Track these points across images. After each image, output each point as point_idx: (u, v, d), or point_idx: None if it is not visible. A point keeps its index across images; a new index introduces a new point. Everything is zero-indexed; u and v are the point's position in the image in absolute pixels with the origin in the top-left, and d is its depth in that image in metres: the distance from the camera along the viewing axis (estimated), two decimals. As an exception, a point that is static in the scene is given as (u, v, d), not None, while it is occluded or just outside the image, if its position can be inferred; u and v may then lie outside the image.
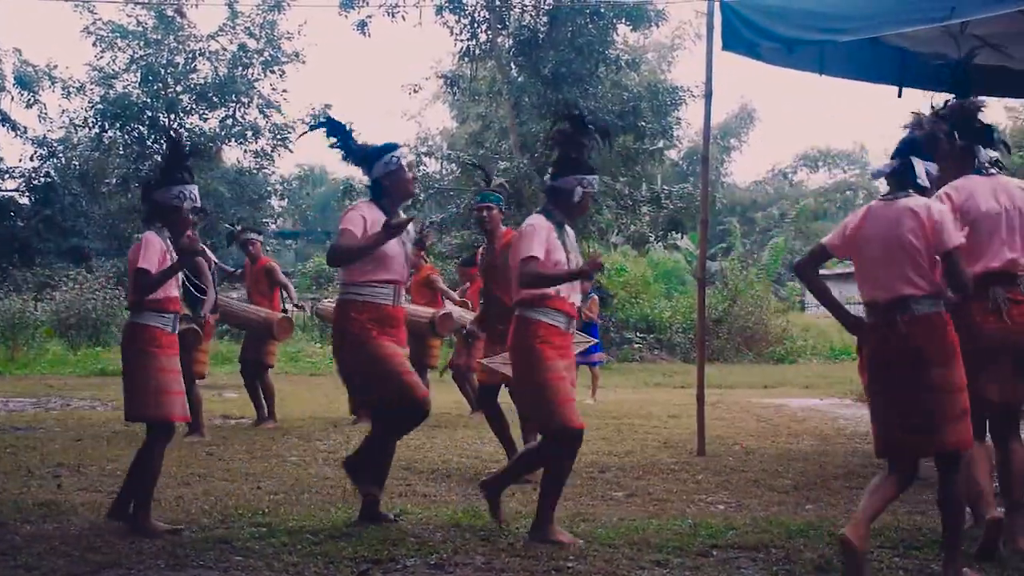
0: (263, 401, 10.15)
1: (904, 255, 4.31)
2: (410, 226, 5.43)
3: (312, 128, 5.98)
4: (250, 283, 10.37)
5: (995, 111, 55.49)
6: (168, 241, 5.36)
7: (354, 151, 5.65)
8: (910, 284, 4.30)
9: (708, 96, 8.80)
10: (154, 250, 5.22)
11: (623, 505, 6.21)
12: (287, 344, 16.68)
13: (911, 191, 4.42)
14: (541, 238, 5.16)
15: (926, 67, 8.63)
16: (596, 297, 13.83)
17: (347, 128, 5.65)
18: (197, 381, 9.10)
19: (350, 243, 5.25)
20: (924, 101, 5.93)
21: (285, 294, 10.40)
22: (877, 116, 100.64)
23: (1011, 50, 8.04)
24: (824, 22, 7.24)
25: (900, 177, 4.47)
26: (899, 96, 8.67)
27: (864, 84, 9.22)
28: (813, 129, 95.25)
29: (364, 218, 5.31)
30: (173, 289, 5.38)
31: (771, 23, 7.50)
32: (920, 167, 4.45)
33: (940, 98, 5.54)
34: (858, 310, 4.65)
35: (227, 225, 18.59)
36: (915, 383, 4.27)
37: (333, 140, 5.65)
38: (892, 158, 4.54)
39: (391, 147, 5.52)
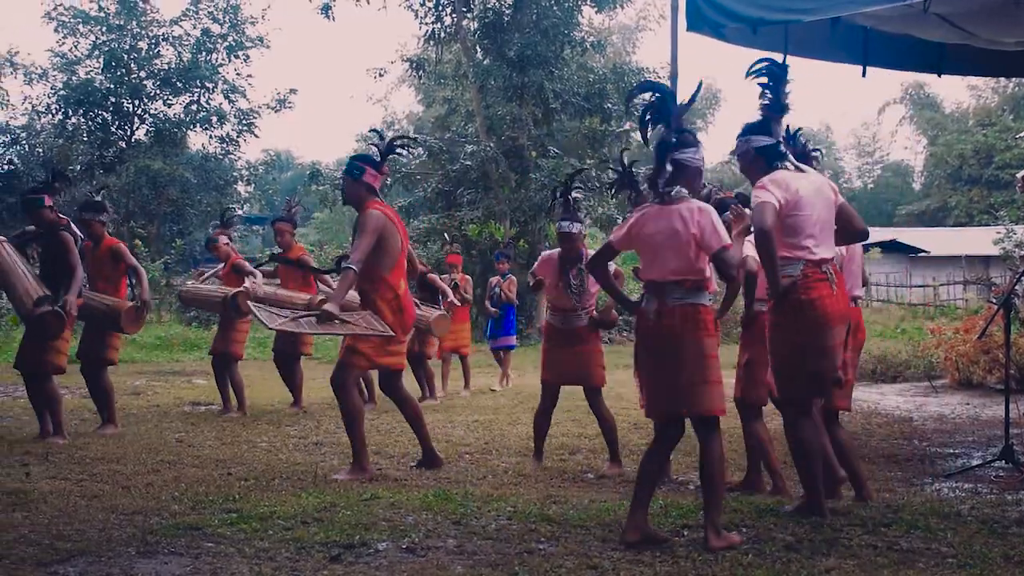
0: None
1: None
2: None
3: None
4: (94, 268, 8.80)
5: (958, 90, 55.96)
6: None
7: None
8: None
9: (673, 77, 8.78)
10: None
11: (594, 487, 6.24)
12: (259, 330, 16.37)
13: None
14: None
15: (890, 46, 8.70)
16: (513, 278, 13.34)
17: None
18: (56, 376, 8.17)
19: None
20: (890, 80, 5.95)
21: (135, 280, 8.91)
22: (842, 96, 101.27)
23: (973, 28, 8.10)
24: (788, 2, 7.26)
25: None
26: (863, 75, 8.72)
27: (829, 63, 9.27)
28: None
29: None
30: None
31: (735, 3, 7.49)
32: None
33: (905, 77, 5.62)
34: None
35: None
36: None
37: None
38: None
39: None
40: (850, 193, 56.67)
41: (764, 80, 5.27)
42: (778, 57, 8.24)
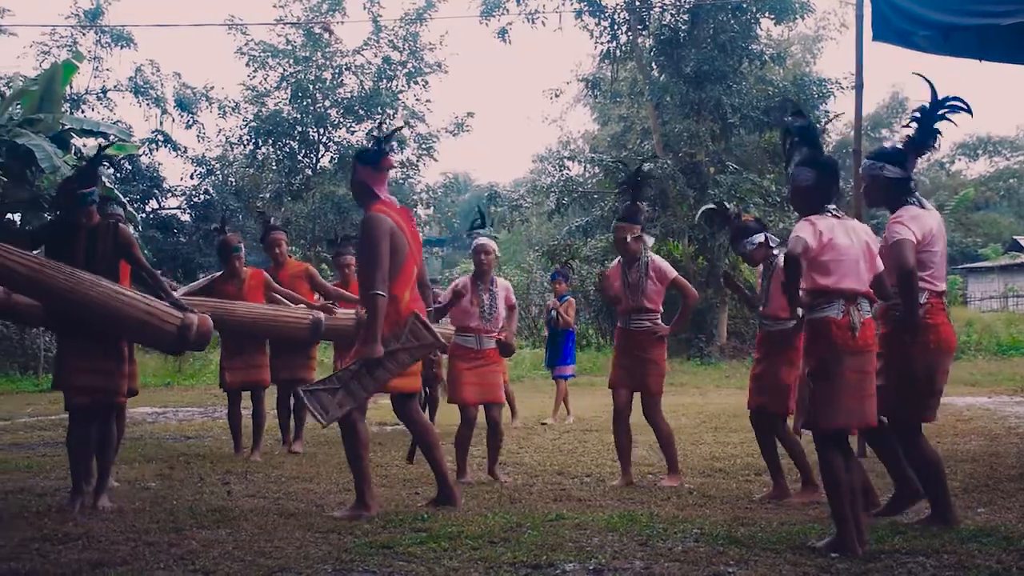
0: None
1: None
2: None
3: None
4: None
5: None
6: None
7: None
8: None
9: (858, 88, 8.56)
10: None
11: (782, 509, 6.09)
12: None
13: None
14: None
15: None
16: (572, 300, 12.36)
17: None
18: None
19: None
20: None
21: None
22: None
23: None
24: (984, 5, 6.95)
25: None
26: (1066, 78, 8.27)
27: (1025, 67, 8.83)
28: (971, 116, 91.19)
29: None
30: None
31: (925, 10, 7.24)
32: None
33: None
34: None
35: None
36: None
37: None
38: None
39: None
40: (1051, 202, 53.64)
41: (917, 114, 5.54)
42: (972, 63, 7.96)
